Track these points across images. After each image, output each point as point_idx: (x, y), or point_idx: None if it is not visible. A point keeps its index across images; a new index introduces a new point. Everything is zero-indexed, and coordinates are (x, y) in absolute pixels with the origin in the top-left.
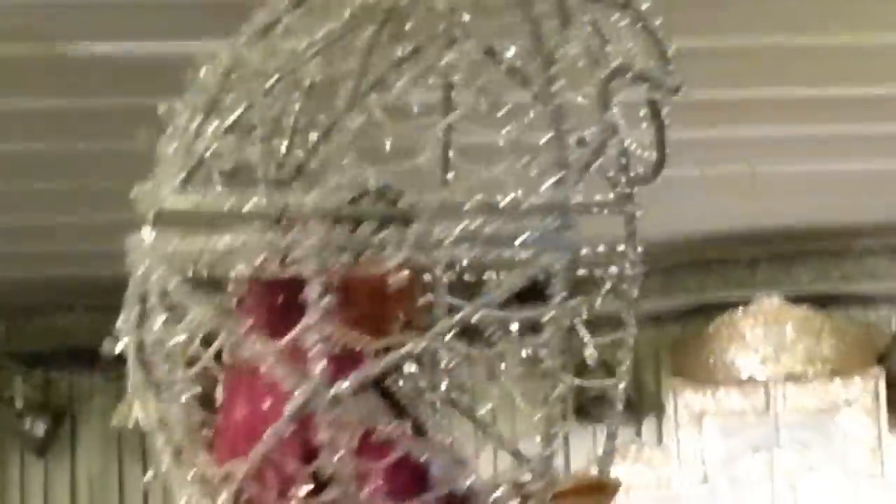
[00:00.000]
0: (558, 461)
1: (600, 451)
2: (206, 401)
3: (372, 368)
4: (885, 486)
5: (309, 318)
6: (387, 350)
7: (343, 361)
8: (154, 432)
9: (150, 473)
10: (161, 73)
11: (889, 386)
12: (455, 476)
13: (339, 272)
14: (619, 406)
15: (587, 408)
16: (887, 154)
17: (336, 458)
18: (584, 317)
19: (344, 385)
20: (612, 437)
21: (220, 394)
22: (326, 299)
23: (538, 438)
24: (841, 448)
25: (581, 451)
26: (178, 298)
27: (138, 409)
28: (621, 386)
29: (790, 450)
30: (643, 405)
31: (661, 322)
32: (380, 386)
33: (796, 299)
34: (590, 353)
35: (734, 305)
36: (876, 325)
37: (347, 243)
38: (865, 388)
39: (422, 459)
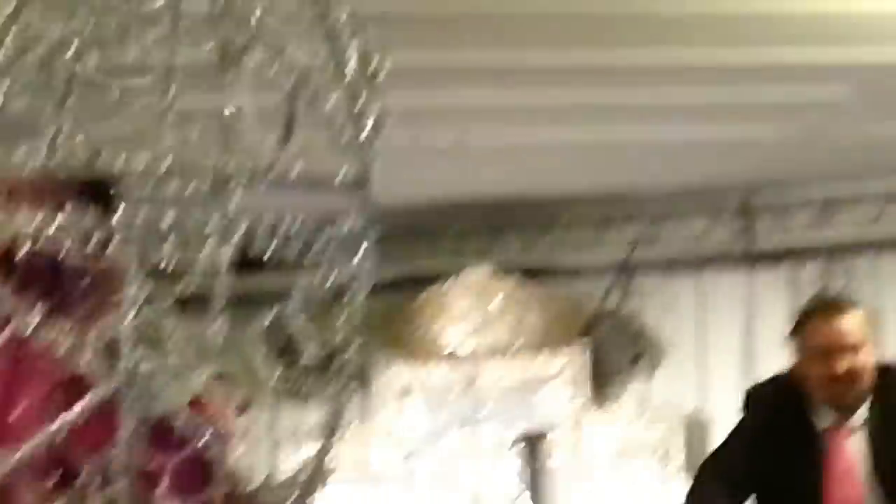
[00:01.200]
0: None
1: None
2: None
3: None
4: (584, 462)
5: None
6: None
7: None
8: None
9: None
10: None
11: (592, 360)
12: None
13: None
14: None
15: (295, 379)
16: (595, 124)
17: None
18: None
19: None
20: None
21: None
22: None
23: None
24: (543, 423)
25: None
26: None
27: None
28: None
29: (495, 424)
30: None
31: (369, 294)
32: None
33: (505, 271)
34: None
35: (444, 276)
36: (581, 297)
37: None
38: (569, 361)
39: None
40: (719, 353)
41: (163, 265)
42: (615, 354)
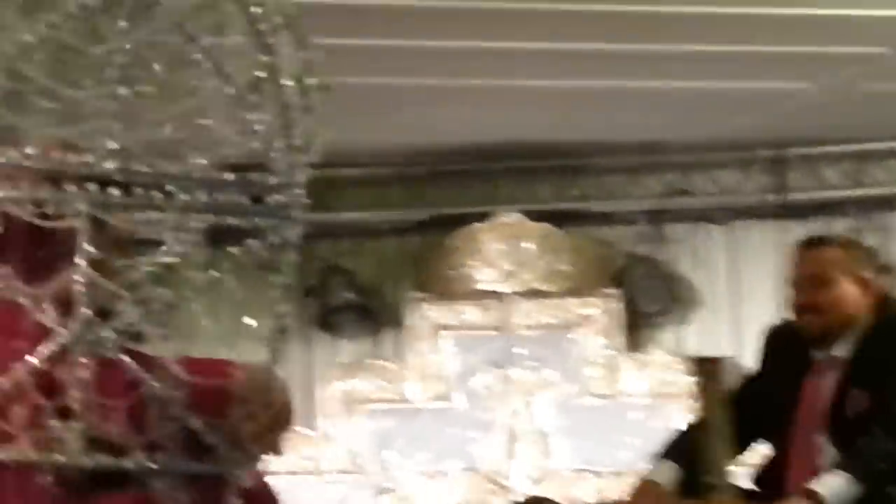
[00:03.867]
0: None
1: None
2: None
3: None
4: (617, 406)
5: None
6: None
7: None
8: None
9: None
10: None
11: (625, 306)
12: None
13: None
14: None
15: (329, 318)
16: (631, 73)
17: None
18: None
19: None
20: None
21: None
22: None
23: None
24: (575, 366)
25: (323, 361)
26: None
27: None
28: None
29: (526, 366)
30: (382, 318)
31: (401, 233)
32: None
33: (535, 215)
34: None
35: (475, 219)
36: (613, 243)
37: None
38: (602, 306)
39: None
40: (752, 304)
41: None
42: (648, 300)
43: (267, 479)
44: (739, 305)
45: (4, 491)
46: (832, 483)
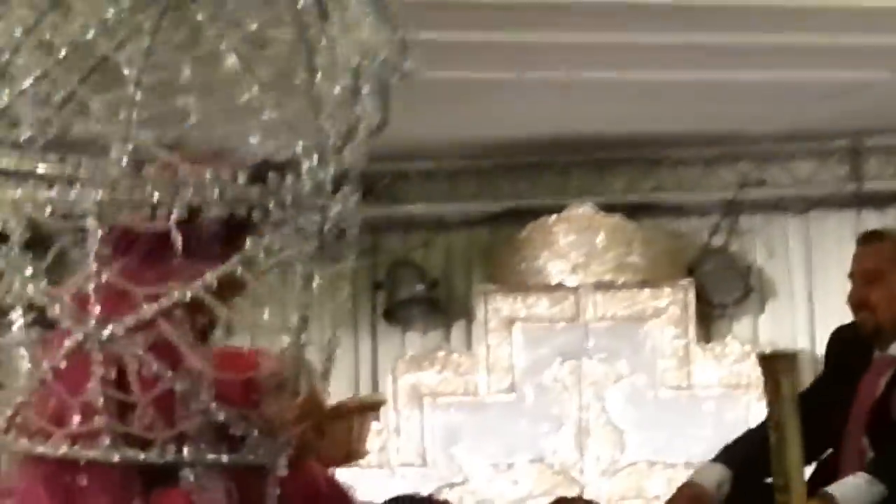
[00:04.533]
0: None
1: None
2: None
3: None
4: (690, 398)
5: (89, 266)
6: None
7: (122, 304)
8: None
9: None
10: None
11: (698, 297)
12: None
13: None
14: None
15: (395, 311)
16: (705, 65)
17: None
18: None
19: (116, 327)
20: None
21: None
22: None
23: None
24: (648, 358)
25: (389, 354)
26: None
27: None
28: None
29: (598, 358)
30: (452, 310)
31: (472, 225)
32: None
33: (608, 207)
34: None
35: (547, 211)
36: (686, 235)
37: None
38: (674, 298)
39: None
40: (827, 294)
41: None
42: (721, 292)
43: (336, 475)
44: (814, 296)
45: (78, 488)
46: (850, 485)
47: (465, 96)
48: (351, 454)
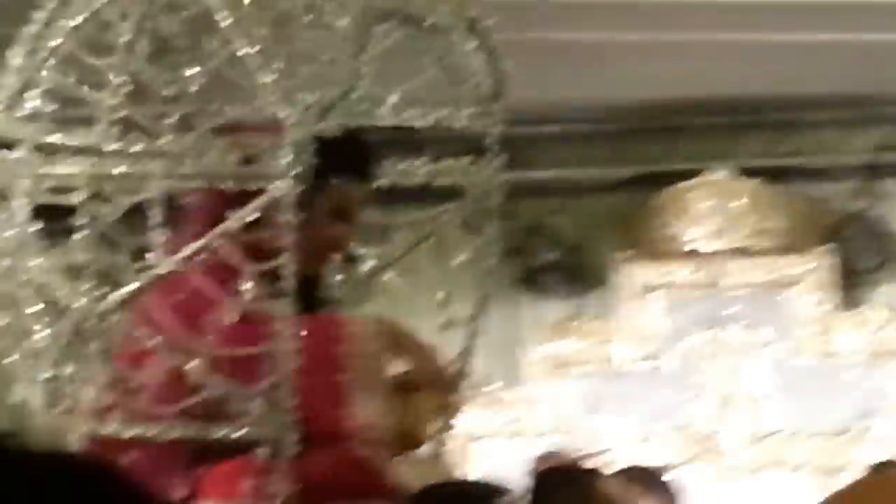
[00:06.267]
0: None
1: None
2: None
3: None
4: (833, 366)
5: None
6: None
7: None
8: None
9: None
10: None
11: (839, 262)
12: None
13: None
14: None
15: (533, 278)
16: (840, 25)
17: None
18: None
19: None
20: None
21: None
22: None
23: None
24: (788, 325)
25: (527, 323)
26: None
27: None
28: None
29: (737, 326)
30: (587, 278)
31: (605, 191)
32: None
33: (746, 172)
34: None
35: (683, 176)
36: (827, 200)
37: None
38: (815, 264)
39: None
40: None
41: None
42: (863, 258)
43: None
44: None
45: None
46: None
47: (599, 59)
48: (409, 439)
